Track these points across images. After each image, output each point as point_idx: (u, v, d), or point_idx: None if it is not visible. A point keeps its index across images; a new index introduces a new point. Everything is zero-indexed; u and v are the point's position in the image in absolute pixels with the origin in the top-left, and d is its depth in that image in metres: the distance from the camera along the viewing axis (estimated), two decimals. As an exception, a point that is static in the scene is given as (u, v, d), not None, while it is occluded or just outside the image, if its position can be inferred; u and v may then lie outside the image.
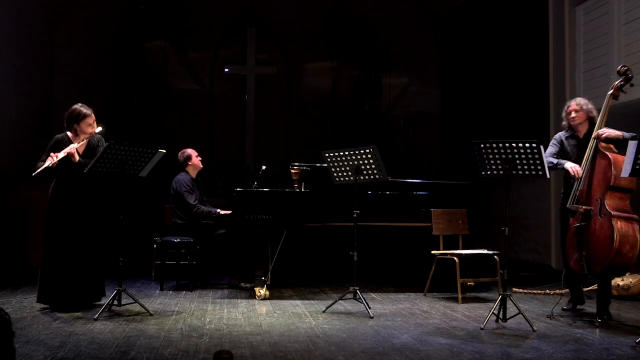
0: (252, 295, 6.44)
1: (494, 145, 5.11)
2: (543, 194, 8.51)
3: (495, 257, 6.37)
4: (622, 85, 5.36)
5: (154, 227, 8.00)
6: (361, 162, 5.70)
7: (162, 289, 6.75)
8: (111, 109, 11.21)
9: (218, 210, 6.97)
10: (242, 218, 6.31)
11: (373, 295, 6.63)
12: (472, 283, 6.91)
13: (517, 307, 5.11)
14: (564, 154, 5.61)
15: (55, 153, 5.41)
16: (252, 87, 11.58)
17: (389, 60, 11.95)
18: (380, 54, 11.96)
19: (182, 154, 7.28)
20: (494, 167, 5.20)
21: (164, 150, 5.48)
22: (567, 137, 5.66)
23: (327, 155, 5.80)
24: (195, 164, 7.26)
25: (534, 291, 6.86)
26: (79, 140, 5.59)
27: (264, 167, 7.04)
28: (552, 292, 6.71)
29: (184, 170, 7.21)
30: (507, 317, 5.12)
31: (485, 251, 6.49)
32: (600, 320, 5.13)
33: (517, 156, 5.08)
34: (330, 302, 5.88)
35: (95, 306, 5.50)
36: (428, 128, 11.80)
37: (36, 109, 10.06)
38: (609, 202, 5.06)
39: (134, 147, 5.34)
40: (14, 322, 3.04)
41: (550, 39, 8.36)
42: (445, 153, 11.67)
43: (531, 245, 8.91)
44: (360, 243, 5.74)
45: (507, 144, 5.07)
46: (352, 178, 5.79)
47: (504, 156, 5.11)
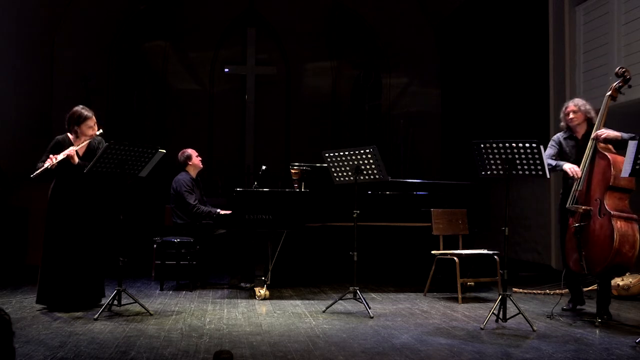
0: (252, 295, 6.44)
1: (494, 145, 5.11)
2: (543, 194, 8.51)
3: (495, 257, 6.37)
4: (620, 87, 5.39)
5: (154, 227, 8.00)
6: (361, 162, 5.70)
7: (162, 289, 6.76)
8: (111, 109, 11.22)
9: (218, 210, 6.97)
10: (242, 218, 6.31)
11: (373, 295, 6.63)
12: (472, 283, 6.92)
13: (517, 307, 5.11)
14: (562, 155, 5.61)
15: (54, 155, 5.40)
16: (252, 87, 11.58)
17: (389, 60, 11.95)
18: (380, 54, 11.95)
19: (182, 154, 7.28)
20: (494, 167, 5.20)
21: (164, 150, 5.48)
22: (565, 138, 5.66)
23: (327, 155, 5.80)
24: (195, 164, 7.26)
25: (534, 291, 6.86)
26: (80, 143, 5.59)
27: (264, 167, 7.04)
28: (552, 292, 6.71)
29: (184, 170, 7.21)
30: (507, 317, 5.12)
31: (485, 251, 6.49)
32: (600, 320, 5.13)
33: (517, 156, 5.08)
34: (330, 302, 5.88)
35: (95, 306, 5.49)
36: (428, 128, 11.80)
37: (36, 109, 10.06)
38: (608, 202, 5.07)
39: (134, 147, 5.34)
40: (14, 322, 3.04)
41: (550, 39, 8.36)
42: (445, 153, 11.67)
43: (531, 245, 8.91)
44: (360, 243, 5.74)
45: (507, 144, 5.08)
46: (352, 178, 5.79)
47: (504, 156, 5.12)
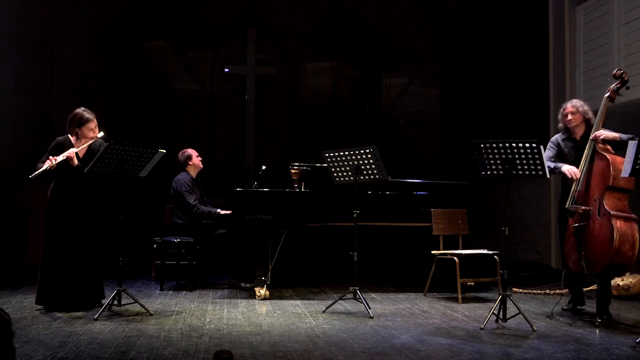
0: (252, 295, 6.44)
1: (494, 145, 5.12)
2: (543, 194, 8.51)
3: (495, 257, 6.37)
4: (618, 88, 5.42)
5: (154, 227, 8.00)
6: (361, 162, 5.70)
7: (162, 289, 6.75)
8: (111, 108, 11.22)
9: (218, 210, 6.97)
10: (242, 218, 6.31)
11: (373, 295, 6.63)
12: (472, 283, 6.92)
13: (517, 307, 5.11)
14: (561, 156, 5.62)
15: (54, 156, 5.40)
16: (252, 87, 11.58)
17: (389, 60, 11.95)
18: (380, 54, 11.95)
19: (182, 154, 7.28)
20: (494, 167, 5.20)
21: (164, 150, 5.48)
22: (563, 140, 5.67)
23: (327, 155, 5.80)
24: (195, 164, 7.26)
25: (534, 291, 6.86)
26: (80, 145, 5.58)
27: (264, 167, 7.04)
28: (552, 292, 6.71)
29: (184, 170, 7.21)
30: (507, 317, 5.12)
31: (485, 251, 6.49)
32: (600, 320, 5.13)
33: (517, 156, 5.08)
34: (330, 302, 5.88)
35: (95, 306, 5.48)
36: (428, 128, 11.80)
37: (36, 109, 10.06)
38: (607, 202, 5.08)
39: (134, 147, 5.34)
40: (14, 322, 3.04)
41: (550, 39, 8.36)
42: (445, 153, 11.67)
43: (531, 245, 8.91)
44: (360, 243, 5.74)
45: (507, 144, 5.08)
46: (352, 178, 5.79)
47: (504, 156, 5.12)
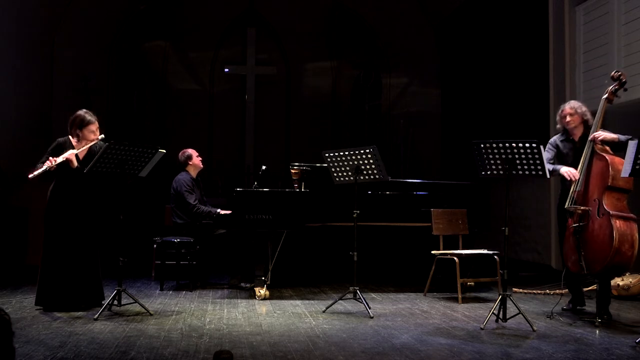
0: (252, 295, 6.44)
1: (494, 145, 5.12)
2: (543, 194, 8.51)
3: (495, 257, 6.37)
4: (616, 90, 5.44)
5: (154, 227, 8.00)
6: (361, 162, 5.70)
7: (162, 289, 6.75)
8: (111, 109, 11.22)
9: (218, 210, 6.97)
10: (242, 218, 6.31)
11: (373, 295, 6.63)
12: (472, 283, 6.91)
13: (517, 307, 5.11)
14: (560, 157, 5.62)
15: (54, 157, 5.39)
16: (252, 87, 11.58)
17: (389, 60, 11.95)
18: (380, 54, 11.95)
19: (182, 153, 7.28)
20: (494, 167, 5.20)
21: (164, 150, 5.48)
22: (562, 141, 5.67)
23: (327, 155, 5.80)
24: (195, 164, 7.26)
25: (534, 291, 6.86)
26: (81, 146, 5.58)
27: (264, 167, 7.04)
28: (552, 292, 6.71)
29: (184, 170, 7.21)
30: (507, 317, 5.12)
31: (485, 251, 6.49)
32: (600, 320, 5.13)
33: (517, 156, 5.08)
34: (330, 302, 5.88)
35: (95, 306, 5.48)
36: (428, 128, 11.80)
37: (36, 109, 10.06)
38: (606, 202, 5.08)
39: (134, 147, 5.33)
40: (14, 322, 3.04)
41: (550, 39, 8.36)
42: (445, 153, 11.67)
43: (531, 245, 8.90)
44: (360, 243, 5.74)
45: (507, 144, 5.08)
46: (352, 178, 5.79)
47: (504, 156, 5.12)
